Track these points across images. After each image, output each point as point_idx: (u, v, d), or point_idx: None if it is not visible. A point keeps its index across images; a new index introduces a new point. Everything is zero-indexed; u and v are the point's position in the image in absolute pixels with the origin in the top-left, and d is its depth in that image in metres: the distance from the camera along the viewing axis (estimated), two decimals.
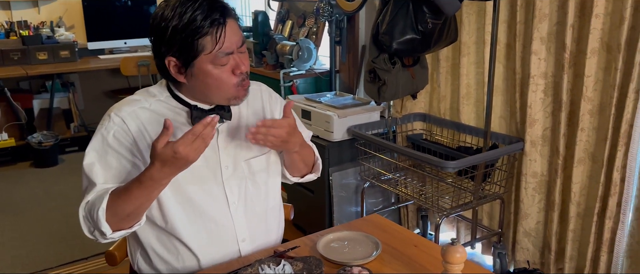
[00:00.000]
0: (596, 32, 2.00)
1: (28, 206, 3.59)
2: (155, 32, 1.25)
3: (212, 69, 1.25)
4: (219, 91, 1.28)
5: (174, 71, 1.27)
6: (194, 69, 1.25)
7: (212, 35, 1.21)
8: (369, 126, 2.71)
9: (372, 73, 2.53)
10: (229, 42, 1.24)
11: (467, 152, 2.49)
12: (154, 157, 1.14)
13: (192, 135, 1.12)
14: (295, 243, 1.40)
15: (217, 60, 1.23)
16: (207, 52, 1.22)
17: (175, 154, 1.11)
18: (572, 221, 2.23)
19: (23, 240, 3.12)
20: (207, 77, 1.26)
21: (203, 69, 1.25)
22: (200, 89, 1.29)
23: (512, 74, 2.37)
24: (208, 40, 1.21)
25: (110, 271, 2.71)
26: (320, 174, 1.59)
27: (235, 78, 1.27)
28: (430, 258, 1.32)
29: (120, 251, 1.45)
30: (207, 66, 1.24)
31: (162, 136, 1.13)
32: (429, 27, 2.28)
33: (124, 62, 4.53)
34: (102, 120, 1.32)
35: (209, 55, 1.23)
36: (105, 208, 1.20)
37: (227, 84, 1.27)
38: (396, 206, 2.98)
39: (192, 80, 1.27)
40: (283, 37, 3.49)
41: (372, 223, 1.50)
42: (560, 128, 2.18)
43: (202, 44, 1.22)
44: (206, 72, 1.25)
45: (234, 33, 1.25)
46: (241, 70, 1.27)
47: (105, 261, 1.49)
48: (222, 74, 1.26)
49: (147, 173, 1.17)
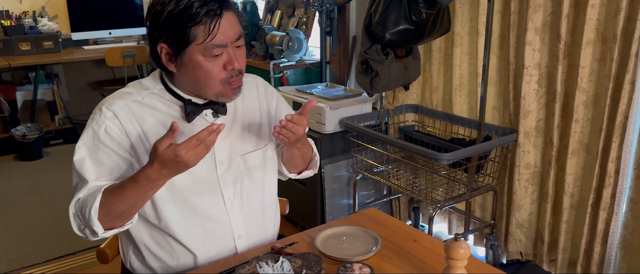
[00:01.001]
0: (591, 23, 1.99)
1: (13, 201, 3.52)
2: (151, 16, 1.21)
3: (203, 61, 1.20)
4: (207, 86, 1.24)
5: (165, 59, 1.23)
6: (185, 58, 1.21)
7: (206, 25, 1.17)
8: (361, 118, 2.68)
9: (365, 64, 2.50)
10: (223, 35, 1.19)
11: (460, 143, 2.48)
12: (154, 158, 1.10)
13: (196, 140, 1.08)
14: (292, 239, 1.37)
15: (208, 51, 1.19)
16: (199, 42, 1.18)
17: (176, 157, 1.07)
18: (565, 212, 2.23)
19: (8, 235, 3.05)
20: (196, 68, 1.21)
21: (193, 60, 1.20)
22: (190, 80, 1.25)
23: (506, 65, 2.35)
24: (201, 29, 1.17)
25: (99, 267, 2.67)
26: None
27: (224, 73, 1.23)
28: (430, 252, 1.30)
29: (111, 249, 1.41)
30: (198, 57, 1.20)
31: (166, 137, 1.09)
32: (423, 18, 2.25)
33: (109, 53, 4.45)
34: (93, 114, 1.27)
35: (200, 46, 1.19)
36: (97, 207, 1.16)
37: (214, 79, 1.23)
38: (388, 198, 2.96)
39: (182, 70, 1.23)
40: (272, 27, 3.44)
41: (369, 217, 1.48)
42: (554, 119, 2.17)
43: (195, 32, 1.17)
44: (196, 63, 1.21)
45: (230, 27, 1.20)
46: (234, 66, 1.22)
47: (94, 257, 1.44)
48: (213, 68, 1.21)
49: (143, 172, 1.13)
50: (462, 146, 2.44)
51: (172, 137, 1.09)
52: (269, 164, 1.44)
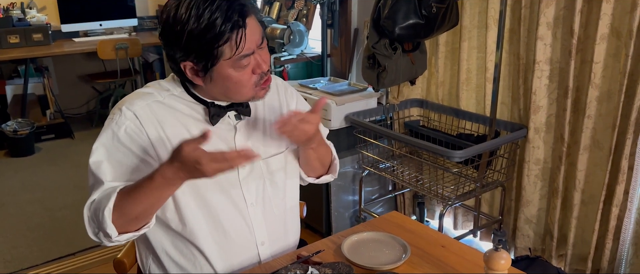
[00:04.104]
0: (606, 18, 1.96)
1: (5, 199, 3.43)
2: (167, 35, 1.14)
3: (233, 73, 1.17)
4: (238, 93, 1.21)
5: (190, 74, 1.18)
6: (214, 73, 1.16)
7: (232, 41, 1.12)
8: (366, 113, 2.64)
9: (371, 59, 2.46)
10: (250, 43, 1.15)
11: (468, 139, 2.45)
12: (177, 157, 1.05)
13: (223, 157, 1.03)
14: (317, 246, 1.33)
15: (237, 64, 1.15)
16: (227, 57, 1.14)
17: (197, 163, 1.03)
18: (575, 208, 2.22)
19: (4, 236, 2.97)
20: (226, 80, 1.18)
21: (223, 74, 1.16)
22: (220, 91, 1.21)
23: (515, 60, 2.32)
24: (227, 46, 1.13)
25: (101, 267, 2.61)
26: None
27: (254, 78, 1.19)
28: (460, 259, 1.27)
29: (129, 258, 1.36)
30: (228, 71, 1.16)
31: (196, 141, 1.04)
32: (433, 12, 2.21)
33: (101, 45, 4.36)
34: (112, 114, 1.22)
35: (229, 61, 1.14)
36: (111, 208, 1.11)
37: (247, 86, 1.19)
38: (393, 194, 2.93)
39: (211, 83, 1.19)
40: (272, 19, 3.38)
41: (393, 222, 1.44)
42: (565, 115, 2.15)
43: (222, 49, 1.13)
44: (226, 77, 1.17)
45: (253, 32, 1.16)
46: (262, 69, 1.19)
47: (95, 257, 1.39)
48: (243, 76, 1.18)
49: (160, 170, 1.08)
50: (470, 141, 2.41)
51: (201, 142, 1.04)
52: (290, 167, 1.40)
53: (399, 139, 2.48)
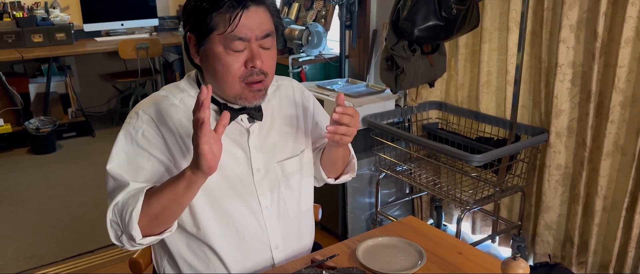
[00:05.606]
0: (631, 21, 1.91)
1: (27, 195, 3.48)
2: (184, 9, 1.21)
3: (223, 53, 1.15)
4: (225, 82, 1.18)
5: (192, 51, 1.21)
6: (206, 47, 1.16)
7: (229, 14, 1.12)
8: (384, 116, 2.62)
9: (390, 60, 2.44)
10: (246, 28, 1.14)
11: (488, 143, 2.42)
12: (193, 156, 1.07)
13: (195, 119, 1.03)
14: (331, 250, 1.32)
15: (228, 43, 1.14)
16: (220, 31, 1.13)
17: (196, 147, 1.03)
18: (597, 214, 2.17)
19: (25, 232, 3.02)
20: (215, 60, 1.16)
21: (213, 50, 1.15)
22: (210, 75, 1.20)
23: (537, 63, 2.28)
24: (222, 18, 1.13)
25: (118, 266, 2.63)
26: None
27: (244, 71, 1.16)
28: (478, 266, 1.25)
29: (144, 259, 1.36)
30: (218, 47, 1.15)
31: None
32: (453, 13, 2.18)
33: (122, 45, 4.40)
34: (129, 118, 1.23)
35: (221, 36, 1.14)
36: (139, 209, 1.10)
37: (233, 76, 1.16)
38: (410, 197, 2.91)
39: (205, 62, 1.19)
40: (291, 20, 3.38)
41: (409, 226, 1.42)
42: (588, 119, 2.11)
43: (216, 20, 1.13)
44: (216, 55, 1.15)
45: (255, 21, 1.15)
46: (254, 64, 1.15)
47: (113, 255, 1.39)
48: (233, 63, 1.15)
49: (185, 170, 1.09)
50: (490, 145, 2.38)
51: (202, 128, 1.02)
52: (306, 170, 1.39)
53: (416, 142, 2.45)
